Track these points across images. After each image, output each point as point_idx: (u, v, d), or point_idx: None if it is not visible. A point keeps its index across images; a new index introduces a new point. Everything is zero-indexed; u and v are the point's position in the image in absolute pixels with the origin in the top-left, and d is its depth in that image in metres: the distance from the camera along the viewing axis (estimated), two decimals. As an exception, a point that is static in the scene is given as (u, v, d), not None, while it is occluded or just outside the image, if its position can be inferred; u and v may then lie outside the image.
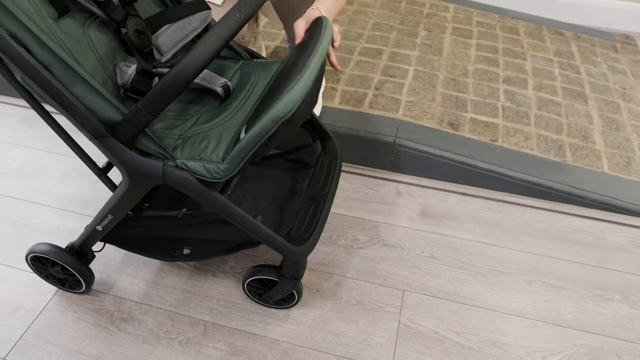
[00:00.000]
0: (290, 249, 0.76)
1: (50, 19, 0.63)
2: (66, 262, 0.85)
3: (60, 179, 1.19)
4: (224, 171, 0.64)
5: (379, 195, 1.17)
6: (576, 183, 1.13)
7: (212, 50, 0.59)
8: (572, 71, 1.53)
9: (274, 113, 0.60)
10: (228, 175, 0.65)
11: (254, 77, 0.81)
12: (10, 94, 1.44)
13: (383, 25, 1.65)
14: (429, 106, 1.29)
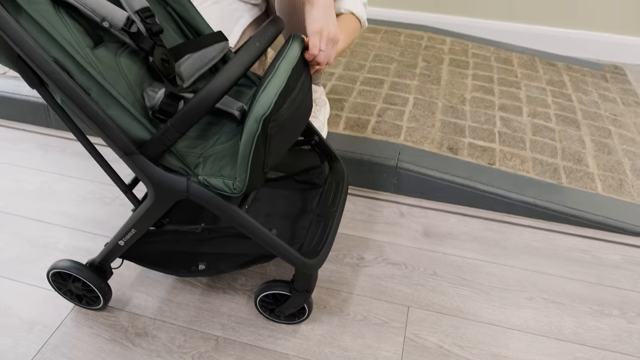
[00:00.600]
0: (303, 261, 0.80)
1: (88, 47, 0.70)
2: (87, 278, 0.89)
3: (76, 201, 1.24)
4: (240, 184, 0.69)
5: (382, 216, 1.22)
6: (571, 204, 1.19)
7: (235, 76, 0.65)
8: (565, 99, 1.61)
9: (255, 113, 0.65)
10: (244, 187, 0.69)
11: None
12: (26, 121, 1.51)
13: (384, 57, 1.74)
14: (428, 132, 1.36)
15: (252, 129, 0.66)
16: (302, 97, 0.78)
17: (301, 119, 0.82)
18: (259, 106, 0.66)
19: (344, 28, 1.07)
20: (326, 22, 0.81)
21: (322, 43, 0.81)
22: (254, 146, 0.67)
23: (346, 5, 1.09)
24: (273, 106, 0.67)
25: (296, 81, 0.75)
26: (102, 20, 0.72)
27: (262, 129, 0.67)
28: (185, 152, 0.76)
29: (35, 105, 1.46)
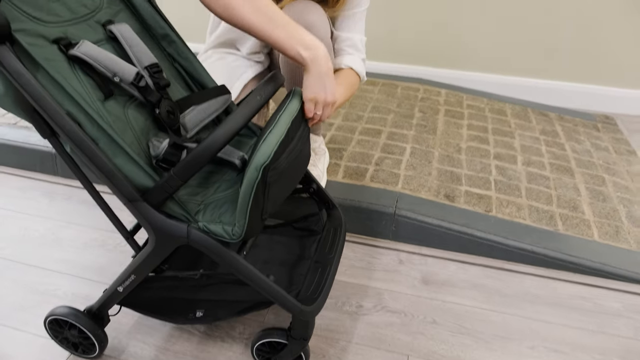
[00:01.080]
0: (300, 308, 0.80)
1: (99, 101, 0.74)
2: (84, 325, 0.89)
3: (78, 248, 1.25)
4: (239, 230, 0.71)
5: (381, 263, 1.22)
6: (569, 250, 1.19)
7: (236, 127, 0.69)
8: (558, 148, 1.65)
9: (255, 162, 0.68)
10: (242, 233, 0.71)
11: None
12: (34, 170, 1.55)
13: (381, 108, 1.81)
14: (425, 180, 1.39)
15: (252, 177, 0.69)
16: (300, 147, 0.82)
17: (299, 168, 0.86)
18: (259, 155, 0.69)
19: (344, 82, 1.13)
20: (322, 89, 0.83)
21: (317, 107, 0.85)
22: (254, 193, 0.70)
23: (346, 61, 1.16)
24: (273, 156, 0.70)
25: (295, 132, 0.79)
26: (113, 76, 0.77)
27: (261, 177, 0.69)
28: (187, 200, 0.78)
29: (44, 154, 1.51)
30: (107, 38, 0.83)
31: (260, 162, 0.69)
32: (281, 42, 0.81)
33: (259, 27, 0.81)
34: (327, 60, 0.82)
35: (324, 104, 0.85)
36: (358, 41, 1.17)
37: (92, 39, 0.80)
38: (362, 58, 1.19)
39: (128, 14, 0.90)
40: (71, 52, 0.74)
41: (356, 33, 1.17)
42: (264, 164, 0.69)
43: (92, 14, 0.83)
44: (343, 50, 1.17)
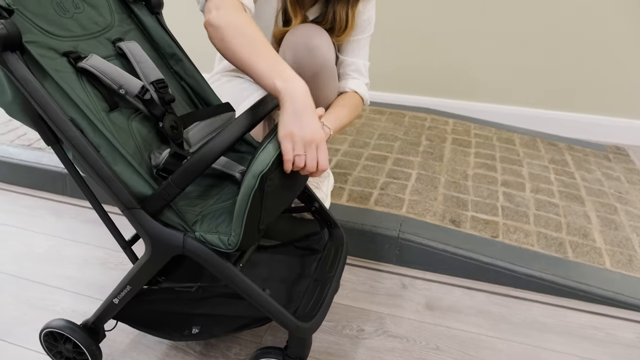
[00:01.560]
0: (297, 324, 0.78)
1: (103, 111, 0.76)
2: (79, 339, 0.88)
3: (80, 265, 1.25)
4: (234, 239, 0.71)
5: (384, 287, 1.19)
6: (579, 278, 1.15)
7: (233, 137, 0.70)
8: (568, 177, 1.63)
9: (253, 170, 0.68)
10: (238, 242, 0.71)
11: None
12: (44, 189, 1.57)
13: (388, 136, 1.82)
14: (431, 205, 1.38)
15: (249, 185, 0.69)
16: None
17: (297, 182, 0.85)
18: (257, 163, 0.69)
19: (347, 103, 1.15)
20: (297, 126, 0.73)
21: (296, 147, 0.73)
22: (250, 201, 0.70)
23: (350, 85, 1.18)
24: (271, 165, 0.70)
25: None
26: (119, 88, 0.79)
27: (259, 185, 0.69)
28: (185, 210, 0.79)
29: (55, 174, 1.54)
30: (117, 54, 0.87)
31: (258, 170, 0.69)
32: (260, 73, 0.78)
33: (245, 60, 0.79)
34: (306, 96, 0.75)
35: (304, 143, 0.73)
36: (362, 66, 1.19)
37: (102, 54, 0.83)
38: (366, 82, 1.21)
39: (138, 33, 0.94)
40: (80, 64, 0.76)
41: (360, 58, 1.19)
42: (262, 171, 0.69)
43: (103, 32, 0.86)
44: (347, 74, 1.20)
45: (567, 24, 1.89)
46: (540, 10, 1.90)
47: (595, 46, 1.90)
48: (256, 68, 0.79)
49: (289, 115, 0.73)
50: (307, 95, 0.76)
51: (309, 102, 0.76)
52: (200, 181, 0.89)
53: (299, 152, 0.74)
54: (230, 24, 0.82)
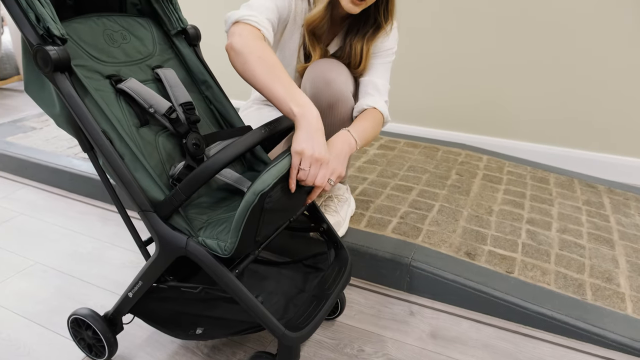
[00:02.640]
0: (283, 332, 0.83)
1: (134, 126, 0.89)
2: (98, 327, 0.98)
3: (116, 267, 1.38)
4: (230, 246, 0.78)
5: (392, 312, 1.21)
6: (594, 321, 1.11)
7: (235, 153, 0.79)
8: (601, 219, 1.57)
9: (254, 187, 0.75)
10: (232, 249, 0.78)
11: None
12: (96, 198, 1.75)
13: (418, 168, 1.85)
14: (448, 236, 1.39)
15: (249, 200, 0.77)
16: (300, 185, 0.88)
17: (296, 202, 0.92)
18: (259, 182, 0.77)
19: (369, 117, 1.13)
20: (310, 145, 0.83)
21: (303, 163, 0.83)
22: (248, 215, 0.77)
23: (368, 102, 1.18)
24: (272, 185, 0.78)
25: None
26: (149, 107, 0.91)
27: (258, 201, 0.77)
28: (194, 217, 0.88)
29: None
30: (154, 79, 1.00)
31: (259, 189, 0.77)
32: (278, 98, 0.87)
33: (265, 85, 0.89)
34: (318, 121, 0.85)
35: (312, 160, 0.83)
36: (380, 85, 1.21)
37: (140, 79, 0.96)
38: (385, 100, 1.22)
39: (176, 62, 1.07)
40: (118, 86, 0.90)
41: (379, 78, 1.22)
42: (262, 190, 0.77)
43: (145, 59, 1.00)
44: (366, 92, 1.21)
45: (606, 67, 1.85)
46: (580, 57, 1.88)
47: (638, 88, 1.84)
48: (275, 93, 0.88)
49: (303, 134, 0.84)
50: (319, 120, 0.86)
51: (320, 126, 0.86)
52: (213, 194, 0.98)
53: (304, 167, 0.84)
54: (251, 51, 0.92)
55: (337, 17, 1.20)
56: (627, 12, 1.77)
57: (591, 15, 1.82)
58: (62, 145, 2.04)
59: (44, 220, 1.64)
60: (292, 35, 1.20)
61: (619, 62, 1.84)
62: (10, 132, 2.18)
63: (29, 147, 2.01)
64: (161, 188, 0.83)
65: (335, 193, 1.40)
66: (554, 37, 1.90)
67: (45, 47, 0.77)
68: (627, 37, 1.80)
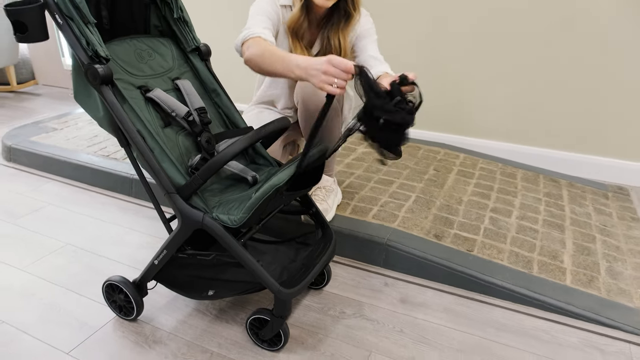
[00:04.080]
0: (278, 288, 1.06)
1: (160, 127, 1.12)
2: (129, 291, 1.21)
3: (136, 247, 1.61)
4: (240, 219, 1.01)
5: (369, 284, 1.44)
6: (537, 289, 1.34)
7: (239, 148, 1.02)
8: (557, 209, 1.80)
9: (272, 182, 0.98)
10: (242, 222, 1.01)
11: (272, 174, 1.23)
12: (116, 191, 1.98)
13: (400, 164, 2.08)
14: (420, 222, 1.62)
15: (266, 190, 1.00)
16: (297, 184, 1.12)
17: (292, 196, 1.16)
18: (276, 179, 1.00)
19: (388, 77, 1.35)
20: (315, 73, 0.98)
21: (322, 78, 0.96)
22: (262, 200, 1.00)
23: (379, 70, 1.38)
24: (284, 183, 1.01)
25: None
26: (171, 112, 1.15)
27: (272, 193, 1.00)
28: (208, 198, 1.11)
29: (124, 179, 1.95)
30: (174, 88, 1.23)
31: (275, 183, 1.00)
32: (283, 74, 1.10)
33: (275, 72, 1.13)
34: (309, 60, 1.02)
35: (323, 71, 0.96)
36: (379, 56, 1.42)
37: (163, 88, 1.19)
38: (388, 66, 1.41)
39: (191, 74, 1.31)
40: (148, 94, 1.13)
41: (374, 52, 1.43)
42: (278, 185, 1.00)
43: (166, 72, 1.24)
44: (372, 65, 1.40)
45: (577, 74, 2.09)
46: (542, 65, 2.11)
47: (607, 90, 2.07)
48: (281, 72, 1.12)
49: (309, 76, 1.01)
50: (310, 60, 1.02)
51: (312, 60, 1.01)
52: (222, 182, 1.21)
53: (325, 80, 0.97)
54: (259, 54, 1.17)
55: (315, 19, 1.43)
56: (578, 17, 2.00)
57: (552, 25, 2.05)
58: (82, 144, 2.27)
59: (70, 209, 1.87)
60: (282, 42, 1.44)
61: (579, 69, 2.07)
62: (34, 133, 2.41)
63: (52, 145, 2.24)
64: (183, 175, 1.06)
65: (323, 184, 1.63)
66: (521, 47, 2.13)
67: (94, 66, 1.00)
68: (583, 43, 2.03)
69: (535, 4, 2.04)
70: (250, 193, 1.10)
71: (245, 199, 1.07)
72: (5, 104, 3.31)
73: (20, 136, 2.36)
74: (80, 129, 2.50)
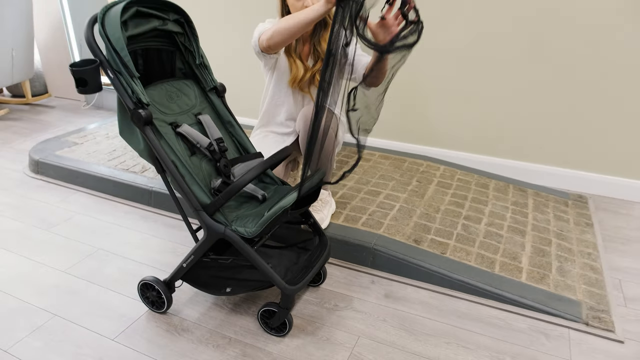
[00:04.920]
0: (284, 285, 1.34)
1: (188, 156, 1.39)
2: (161, 289, 1.48)
3: (159, 251, 1.88)
4: (254, 231, 1.28)
5: (359, 282, 1.72)
6: (497, 285, 1.62)
7: (253, 176, 1.29)
8: (521, 216, 2.08)
9: (281, 204, 1.25)
10: (256, 233, 1.28)
11: (279, 193, 1.50)
12: (136, 201, 2.25)
13: (387, 176, 2.36)
14: (403, 228, 1.89)
15: (276, 210, 1.27)
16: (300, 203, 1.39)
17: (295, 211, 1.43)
18: (284, 201, 1.27)
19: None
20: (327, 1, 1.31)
21: None
22: (275, 217, 1.28)
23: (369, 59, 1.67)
24: (291, 205, 1.28)
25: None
26: (196, 143, 1.42)
27: (282, 213, 1.28)
28: (228, 214, 1.38)
29: (143, 190, 2.21)
30: (197, 122, 1.50)
31: (284, 205, 1.27)
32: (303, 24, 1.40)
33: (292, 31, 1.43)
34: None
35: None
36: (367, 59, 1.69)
37: (188, 123, 1.46)
38: None
39: (210, 109, 1.57)
40: (177, 129, 1.40)
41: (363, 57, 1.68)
42: (286, 206, 1.27)
43: (190, 109, 1.50)
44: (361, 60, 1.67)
45: (542, 98, 2.37)
46: (519, 87, 2.40)
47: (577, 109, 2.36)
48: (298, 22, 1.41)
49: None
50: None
51: None
52: (238, 198, 1.48)
53: None
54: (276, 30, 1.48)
55: (305, 34, 1.72)
56: (545, 45, 2.28)
57: (522, 51, 2.34)
58: (103, 157, 2.53)
59: (97, 218, 2.14)
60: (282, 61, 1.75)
61: (543, 94, 2.36)
62: (58, 147, 2.67)
63: (76, 159, 2.50)
64: (207, 195, 1.34)
65: (319, 197, 1.90)
66: (494, 72, 2.41)
67: (139, 110, 1.27)
68: (547, 69, 2.32)
69: (509, 30, 2.32)
70: (262, 210, 1.37)
71: (258, 214, 1.34)
72: (23, 117, 3.56)
73: (46, 150, 2.61)
74: (98, 143, 2.76)
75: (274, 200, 1.40)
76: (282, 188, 1.55)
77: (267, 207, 1.33)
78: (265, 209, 1.36)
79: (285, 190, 1.51)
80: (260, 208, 1.41)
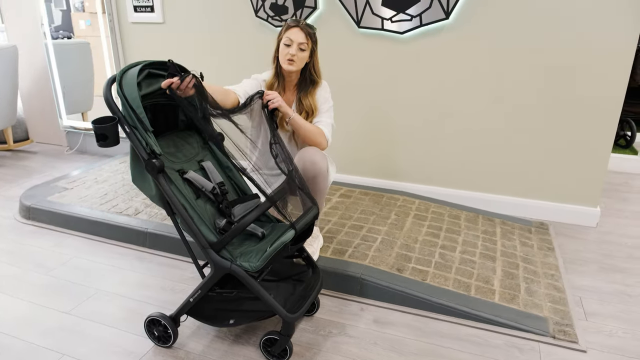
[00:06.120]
0: (286, 314, 1.47)
1: (194, 199, 1.54)
2: (167, 323, 1.59)
3: (156, 290, 1.98)
4: (258, 266, 1.43)
5: (349, 310, 1.87)
6: (473, 306, 1.80)
7: (254, 217, 1.44)
8: (491, 243, 2.30)
9: (282, 240, 1.41)
10: (259, 268, 1.42)
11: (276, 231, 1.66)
12: (131, 242, 2.34)
13: (367, 211, 2.55)
14: (386, 259, 2.07)
15: (278, 245, 1.42)
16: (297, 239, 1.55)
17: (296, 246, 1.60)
18: (285, 237, 1.43)
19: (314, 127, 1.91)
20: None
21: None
22: (276, 252, 1.43)
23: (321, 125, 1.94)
24: (290, 241, 1.44)
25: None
26: (201, 187, 1.57)
27: (282, 247, 1.43)
28: (232, 250, 1.52)
29: (138, 232, 2.31)
30: (200, 168, 1.66)
31: (285, 240, 1.43)
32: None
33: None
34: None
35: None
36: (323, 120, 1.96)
37: (193, 169, 1.62)
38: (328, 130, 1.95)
39: (210, 156, 1.74)
40: (184, 176, 1.55)
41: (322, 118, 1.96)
42: (286, 241, 1.43)
43: (194, 157, 1.66)
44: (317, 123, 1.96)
45: (508, 139, 2.65)
46: (487, 128, 2.67)
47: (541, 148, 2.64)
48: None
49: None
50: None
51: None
52: (240, 237, 1.63)
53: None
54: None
55: (290, 85, 1.93)
56: (506, 96, 2.58)
57: (484, 99, 2.62)
58: (95, 202, 2.62)
59: (93, 260, 2.22)
60: None
61: (508, 136, 2.63)
62: (48, 193, 2.74)
63: (68, 204, 2.59)
64: (214, 234, 1.48)
65: (309, 232, 2.06)
66: (461, 117, 2.68)
67: (152, 160, 1.42)
68: (507, 114, 2.61)
69: (468, 77, 2.61)
70: (263, 246, 1.52)
71: (261, 250, 1.49)
72: (6, 163, 3.60)
73: (37, 196, 2.68)
74: (88, 188, 2.85)
75: (273, 236, 1.55)
76: (279, 225, 1.71)
77: (269, 243, 1.48)
78: (266, 245, 1.51)
79: (282, 227, 1.67)
80: (262, 244, 1.56)
